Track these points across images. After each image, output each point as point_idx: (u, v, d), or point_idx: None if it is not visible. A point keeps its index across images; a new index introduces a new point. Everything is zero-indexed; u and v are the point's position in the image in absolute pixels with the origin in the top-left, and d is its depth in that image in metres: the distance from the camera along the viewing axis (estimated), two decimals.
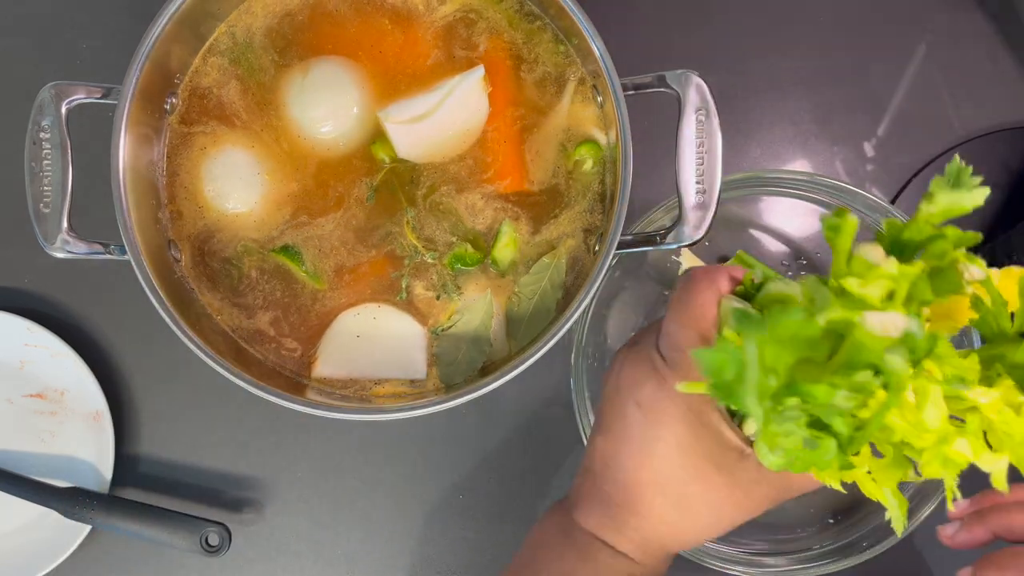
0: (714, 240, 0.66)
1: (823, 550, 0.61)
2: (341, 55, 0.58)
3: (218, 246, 0.58)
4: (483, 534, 0.68)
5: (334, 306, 0.58)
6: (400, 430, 0.68)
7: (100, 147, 0.53)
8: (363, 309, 0.58)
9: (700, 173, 0.52)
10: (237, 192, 0.57)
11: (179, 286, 0.57)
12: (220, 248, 0.58)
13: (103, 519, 0.63)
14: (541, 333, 0.55)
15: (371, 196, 0.58)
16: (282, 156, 0.58)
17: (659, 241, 0.53)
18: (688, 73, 0.52)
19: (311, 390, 0.57)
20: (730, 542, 0.62)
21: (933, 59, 0.69)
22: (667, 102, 0.53)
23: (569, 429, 0.64)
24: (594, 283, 0.53)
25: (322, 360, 0.57)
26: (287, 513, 0.68)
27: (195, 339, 0.52)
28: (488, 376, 0.54)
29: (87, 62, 0.70)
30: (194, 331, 0.53)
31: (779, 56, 0.70)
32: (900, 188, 0.68)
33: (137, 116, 0.54)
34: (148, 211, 0.56)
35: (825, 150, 0.69)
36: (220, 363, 0.52)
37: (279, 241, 0.58)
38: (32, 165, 0.52)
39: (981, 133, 0.69)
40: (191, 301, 0.57)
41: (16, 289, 0.69)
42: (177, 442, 0.69)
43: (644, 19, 0.69)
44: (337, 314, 0.58)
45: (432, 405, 0.53)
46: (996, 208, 0.68)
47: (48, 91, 0.53)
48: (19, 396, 0.68)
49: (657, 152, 0.64)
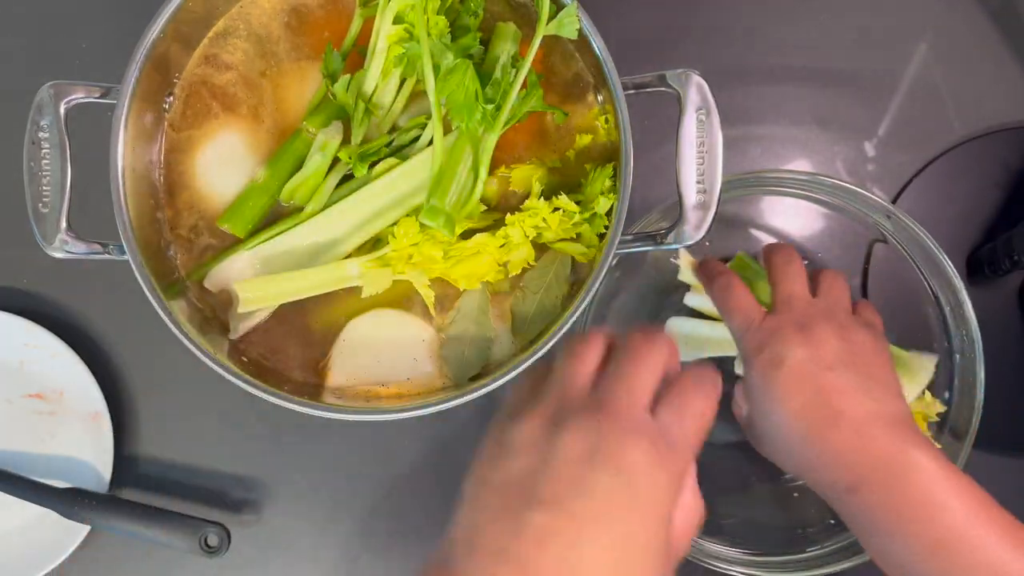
0: (714, 240, 0.66)
1: (823, 551, 0.61)
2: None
3: (219, 244, 0.58)
4: None
5: (337, 307, 0.58)
6: (400, 430, 0.68)
7: (99, 147, 0.53)
8: (371, 315, 0.58)
9: (701, 173, 0.52)
10: (237, 191, 0.57)
11: (178, 286, 0.57)
12: (220, 248, 0.58)
13: (102, 519, 0.63)
14: (546, 329, 0.55)
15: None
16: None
17: (659, 241, 0.53)
18: (689, 72, 0.52)
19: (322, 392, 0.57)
20: (730, 542, 0.62)
21: (933, 59, 0.69)
22: (667, 102, 0.53)
23: None
24: (594, 283, 0.53)
25: (335, 369, 0.57)
26: (286, 513, 0.68)
27: (194, 339, 0.52)
28: (488, 376, 0.54)
29: (86, 62, 0.70)
30: (193, 331, 0.53)
31: (779, 56, 0.70)
32: (901, 188, 0.68)
33: (136, 116, 0.54)
34: (147, 211, 0.56)
35: (826, 150, 0.69)
36: (219, 363, 0.52)
37: None
38: (31, 165, 0.52)
39: (981, 133, 0.69)
40: (190, 301, 0.57)
41: (15, 289, 0.69)
42: (176, 442, 0.68)
43: (644, 19, 0.69)
44: (338, 314, 0.58)
45: (432, 405, 0.53)
46: (996, 208, 0.68)
47: (47, 91, 0.52)
48: (18, 396, 0.68)
49: (657, 152, 0.64)
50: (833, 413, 0.49)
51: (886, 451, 0.47)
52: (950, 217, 0.68)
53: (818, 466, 0.50)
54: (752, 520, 0.64)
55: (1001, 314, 0.68)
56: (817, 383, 0.49)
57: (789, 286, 0.54)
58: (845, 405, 0.49)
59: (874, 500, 0.47)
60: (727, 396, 0.56)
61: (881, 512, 0.47)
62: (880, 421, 0.48)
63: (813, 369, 0.50)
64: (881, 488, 0.47)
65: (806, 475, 0.51)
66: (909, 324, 0.63)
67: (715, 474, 0.66)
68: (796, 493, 0.65)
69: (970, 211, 0.68)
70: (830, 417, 0.49)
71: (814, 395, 0.49)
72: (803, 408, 0.49)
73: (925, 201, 0.68)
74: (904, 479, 0.46)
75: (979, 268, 0.67)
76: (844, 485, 0.48)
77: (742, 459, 0.66)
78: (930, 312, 0.62)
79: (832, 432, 0.48)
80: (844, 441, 0.48)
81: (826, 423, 0.49)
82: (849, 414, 0.48)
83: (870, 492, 0.47)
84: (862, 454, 0.48)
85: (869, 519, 0.48)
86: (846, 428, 0.48)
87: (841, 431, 0.48)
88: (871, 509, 0.48)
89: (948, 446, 0.60)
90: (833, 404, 0.49)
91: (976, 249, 0.68)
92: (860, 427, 0.48)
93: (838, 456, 0.48)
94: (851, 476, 0.48)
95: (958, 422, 0.60)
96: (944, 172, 0.68)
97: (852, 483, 0.48)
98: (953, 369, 0.61)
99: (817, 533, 0.63)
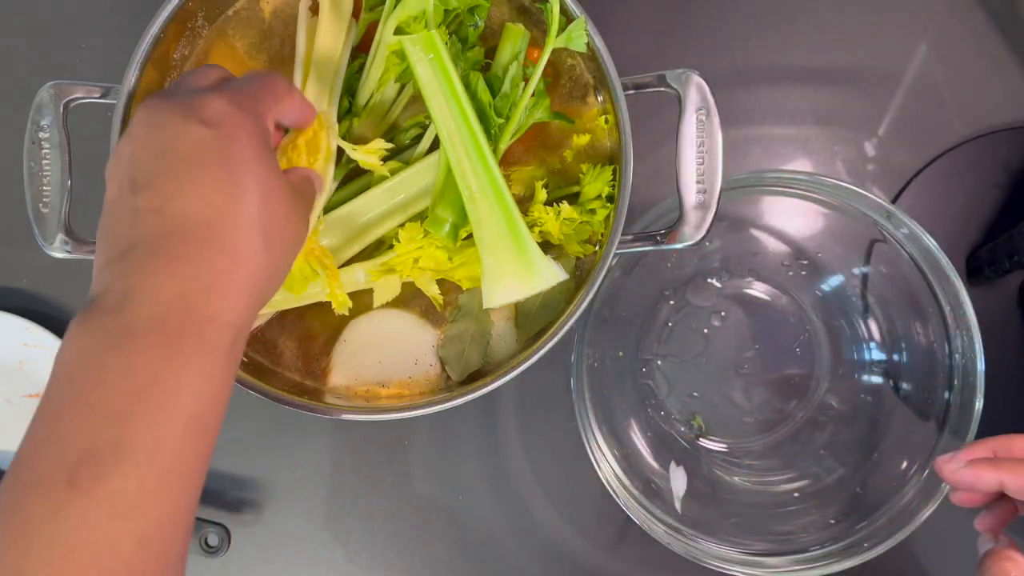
0: (714, 240, 0.66)
1: (824, 551, 0.61)
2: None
3: None
4: (482, 534, 0.68)
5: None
6: (400, 430, 0.68)
7: (99, 147, 0.53)
8: (372, 315, 0.58)
9: (700, 173, 0.52)
10: None
11: None
12: None
13: None
14: (548, 324, 0.55)
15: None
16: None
17: (659, 241, 0.53)
18: (689, 72, 0.52)
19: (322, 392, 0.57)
20: (730, 542, 0.62)
21: (933, 59, 0.69)
22: (668, 102, 0.53)
23: (569, 429, 0.64)
24: (594, 283, 0.53)
25: (336, 370, 0.57)
26: (287, 513, 0.68)
27: None
28: (488, 376, 0.54)
29: (86, 62, 0.70)
30: None
31: (779, 56, 0.70)
32: (901, 188, 0.68)
33: None
34: None
35: (826, 150, 0.69)
36: None
37: None
38: (31, 165, 0.52)
39: (981, 133, 0.69)
40: None
41: (15, 289, 0.69)
42: None
43: (644, 19, 0.69)
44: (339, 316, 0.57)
45: (433, 405, 0.53)
46: (996, 208, 0.68)
47: (47, 91, 0.52)
48: (18, 396, 0.68)
49: (657, 152, 0.64)
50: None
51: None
52: (950, 217, 0.68)
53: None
54: (752, 520, 0.64)
55: (1001, 314, 0.68)
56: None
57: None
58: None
59: None
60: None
61: None
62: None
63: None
64: None
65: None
66: (909, 324, 0.63)
67: (715, 474, 0.66)
68: (796, 493, 0.65)
69: (970, 211, 0.68)
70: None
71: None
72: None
73: (925, 201, 0.68)
74: None
75: (979, 268, 0.67)
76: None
77: (743, 459, 0.66)
78: (930, 312, 0.62)
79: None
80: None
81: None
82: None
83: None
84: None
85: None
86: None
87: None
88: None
89: (948, 446, 0.60)
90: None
91: (976, 249, 0.68)
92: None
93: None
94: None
95: (958, 422, 0.60)
96: (944, 172, 0.68)
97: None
98: (953, 369, 0.61)
99: (817, 533, 0.63)
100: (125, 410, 0.31)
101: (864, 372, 0.65)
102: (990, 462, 0.45)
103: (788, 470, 0.66)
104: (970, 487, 0.45)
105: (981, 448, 0.46)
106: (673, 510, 0.62)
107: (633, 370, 0.66)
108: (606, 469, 0.61)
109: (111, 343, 0.32)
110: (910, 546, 0.65)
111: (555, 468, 0.68)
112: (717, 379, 0.66)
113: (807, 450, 0.66)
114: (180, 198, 0.34)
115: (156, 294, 0.33)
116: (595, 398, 0.61)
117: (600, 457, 0.61)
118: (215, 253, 0.34)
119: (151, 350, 0.32)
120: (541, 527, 0.68)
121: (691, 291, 0.67)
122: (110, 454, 0.30)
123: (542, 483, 0.68)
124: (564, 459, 0.67)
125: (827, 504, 0.63)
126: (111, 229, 0.36)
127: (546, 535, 0.68)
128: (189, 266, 0.33)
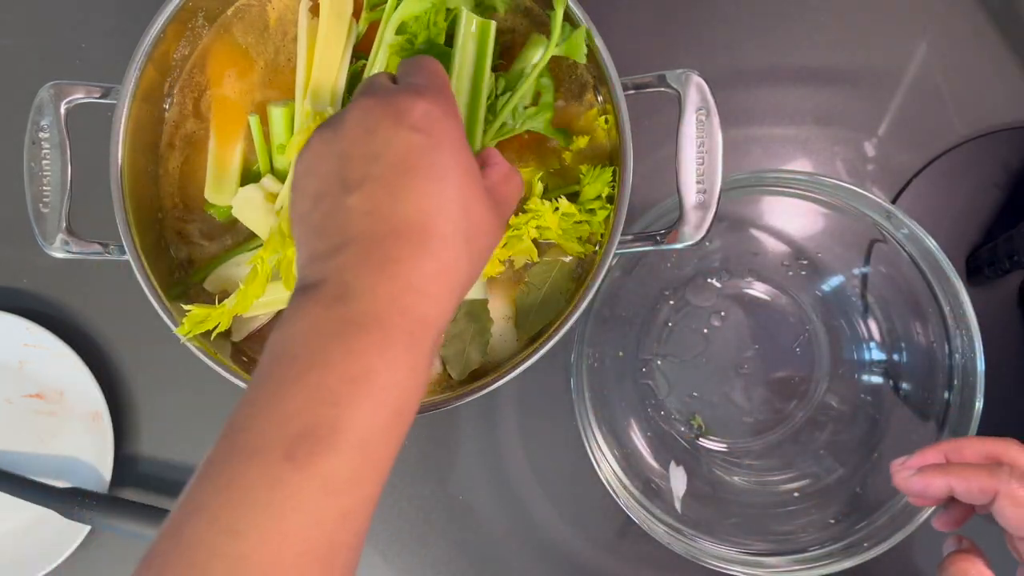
0: (714, 240, 0.66)
1: (824, 550, 0.61)
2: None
3: (219, 245, 0.58)
4: (482, 535, 0.68)
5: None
6: None
7: (100, 147, 0.53)
8: None
9: (700, 173, 0.52)
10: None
11: (179, 287, 0.57)
12: (220, 247, 0.58)
13: (102, 519, 0.63)
14: (548, 324, 0.55)
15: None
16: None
17: (659, 241, 0.53)
18: (689, 72, 0.52)
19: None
20: (730, 542, 0.62)
21: (933, 59, 0.69)
22: (668, 102, 0.53)
23: (569, 429, 0.64)
24: (594, 283, 0.53)
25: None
26: None
27: (195, 340, 0.52)
28: (489, 376, 0.54)
29: (87, 62, 0.70)
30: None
31: (779, 56, 0.70)
32: (901, 188, 0.68)
33: (136, 116, 0.54)
34: (147, 211, 0.56)
35: (826, 150, 0.69)
36: (220, 364, 0.52)
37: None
38: (31, 165, 0.52)
39: (981, 133, 0.69)
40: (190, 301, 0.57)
41: (15, 289, 0.69)
42: (177, 442, 0.68)
43: (644, 19, 0.69)
44: None
45: (433, 405, 0.53)
46: (996, 208, 0.68)
47: (47, 91, 0.52)
48: (18, 396, 0.68)
49: (657, 152, 0.64)
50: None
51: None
52: (950, 217, 0.68)
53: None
54: (752, 520, 0.64)
55: (1001, 314, 0.68)
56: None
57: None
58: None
59: None
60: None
61: None
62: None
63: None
64: None
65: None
66: (909, 324, 0.63)
67: (715, 473, 0.66)
68: (796, 493, 0.65)
69: (970, 211, 0.68)
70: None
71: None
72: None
73: (925, 201, 0.68)
74: None
75: (979, 268, 0.67)
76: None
77: (743, 459, 0.66)
78: (930, 312, 0.62)
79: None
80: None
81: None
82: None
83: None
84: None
85: None
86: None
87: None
88: None
89: None
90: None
91: (976, 249, 0.68)
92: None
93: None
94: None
95: (958, 422, 0.60)
96: (944, 172, 0.68)
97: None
98: (953, 369, 0.61)
99: (817, 533, 0.63)
100: (345, 395, 0.33)
101: (864, 372, 0.65)
102: (940, 468, 0.45)
103: (788, 470, 0.66)
104: (921, 494, 0.46)
105: (933, 453, 0.47)
106: (673, 510, 0.62)
107: (633, 370, 0.66)
108: (606, 469, 0.61)
109: (334, 332, 0.34)
110: (910, 546, 0.65)
111: (555, 468, 0.68)
112: (717, 379, 0.67)
113: (807, 450, 0.66)
114: (393, 204, 0.37)
115: (373, 292, 0.35)
116: (595, 398, 0.61)
117: (600, 457, 0.61)
118: (424, 257, 0.36)
119: (369, 343, 0.34)
120: (541, 527, 0.68)
121: (691, 291, 0.67)
122: (327, 434, 0.33)
123: (542, 483, 0.68)
124: (564, 459, 0.67)
125: (827, 504, 0.63)
126: (320, 222, 0.38)
127: (546, 535, 0.68)
128: (402, 269, 0.36)
